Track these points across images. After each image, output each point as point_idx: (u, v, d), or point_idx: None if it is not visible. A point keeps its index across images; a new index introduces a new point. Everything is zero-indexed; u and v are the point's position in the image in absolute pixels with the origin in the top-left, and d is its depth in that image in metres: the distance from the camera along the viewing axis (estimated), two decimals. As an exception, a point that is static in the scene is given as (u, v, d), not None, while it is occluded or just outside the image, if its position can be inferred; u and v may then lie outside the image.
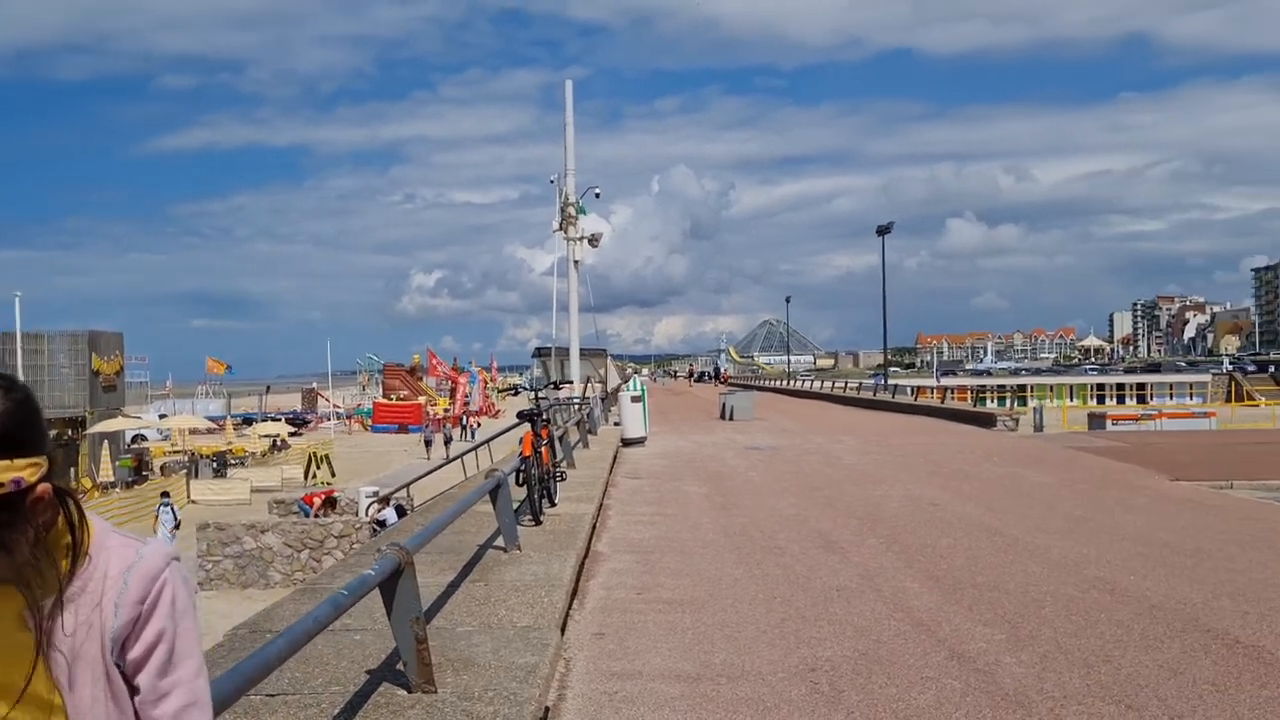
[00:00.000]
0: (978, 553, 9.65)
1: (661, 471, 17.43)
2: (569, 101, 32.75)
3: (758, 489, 15.04)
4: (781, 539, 10.56)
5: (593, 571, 8.77)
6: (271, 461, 44.75)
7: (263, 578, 22.74)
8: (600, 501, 12.37)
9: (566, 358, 35.55)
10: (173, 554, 1.62)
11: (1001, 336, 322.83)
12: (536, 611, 6.02)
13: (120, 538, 1.61)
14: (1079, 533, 10.79)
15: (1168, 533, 10.75)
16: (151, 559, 1.57)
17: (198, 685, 1.59)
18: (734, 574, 8.74)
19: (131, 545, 1.60)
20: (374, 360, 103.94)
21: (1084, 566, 8.91)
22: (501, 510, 7.62)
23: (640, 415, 23.04)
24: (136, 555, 1.57)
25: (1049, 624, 6.88)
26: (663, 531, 11.08)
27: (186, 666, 1.58)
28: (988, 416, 28.40)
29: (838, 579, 8.47)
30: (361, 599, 3.78)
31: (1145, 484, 15.24)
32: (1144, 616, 7.06)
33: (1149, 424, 32.43)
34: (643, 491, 14.69)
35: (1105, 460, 18.53)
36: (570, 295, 32.98)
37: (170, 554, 1.61)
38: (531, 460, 9.19)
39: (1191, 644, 6.34)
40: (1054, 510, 12.59)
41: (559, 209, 32.29)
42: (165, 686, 1.56)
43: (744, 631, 6.78)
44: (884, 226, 55.56)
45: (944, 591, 7.95)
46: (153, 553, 1.59)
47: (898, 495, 14.05)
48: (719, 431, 27.78)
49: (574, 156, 32.38)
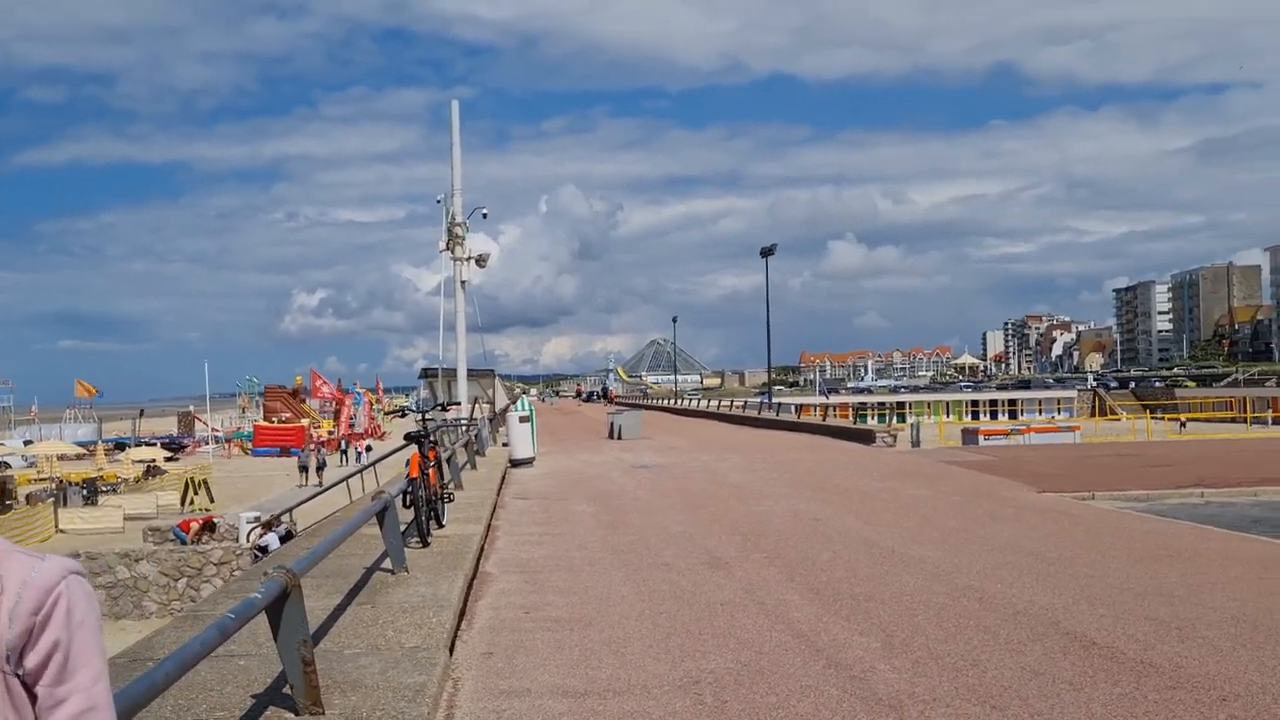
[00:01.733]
0: (856, 565, 9.98)
1: (550, 491, 17.48)
2: (455, 121, 32.61)
3: (645, 507, 15.21)
4: (668, 556, 10.73)
5: (481, 592, 8.79)
6: (146, 488, 43.13)
7: (137, 608, 21.97)
8: (488, 522, 12.38)
9: (454, 378, 35.22)
10: (71, 568, 1.67)
11: (882, 355, 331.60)
12: (424, 632, 6.04)
13: (22, 554, 1.67)
14: (951, 543, 11.25)
15: (1033, 542, 11.29)
16: (46, 572, 1.63)
17: (95, 691, 1.64)
18: (621, 591, 8.87)
19: (30, 561, 1.65)
20: (254, 382, 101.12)
21: (955, 575, 9.30)
22: (388, 532, 7.60)
23: (528, 435, 23.06)
24: (32, 570, 1.63)
25: (921, 631, 7.19)
26: (551, 551, 11.14)
27: (84, 674, 1.64)
28: (867, 433, 29.20)
29: (722, 593, 8.67)
30: (247, 623, 3.78)
31: (1013, 496, 15.92)
32: (1009, 622, 7.43)
33: (1018, 439, 33.82)
34: (531, 512, 14.73)
35: (977, 474, 19.28)
36: (457, 315, 32.73)
37: (68, 568, 1.66)
38: (419, 482, 9.17)
39: (1052, 647, 6.71)
40: (929, 522, 13.07)
41: (445, 229, 32.06)
42: (61, 694, 1.62)
43: (630, 647, 6.91)
44: (768, 248, 56.67)
45: (823, 603, 8.22)
46: (49, 566, 1.65)
47: (781, 511, 14.39)
48: (607, 451, 27.93)
49: (461, 176, 32.23)
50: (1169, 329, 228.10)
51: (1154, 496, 16.32)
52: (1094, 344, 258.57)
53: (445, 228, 31.96)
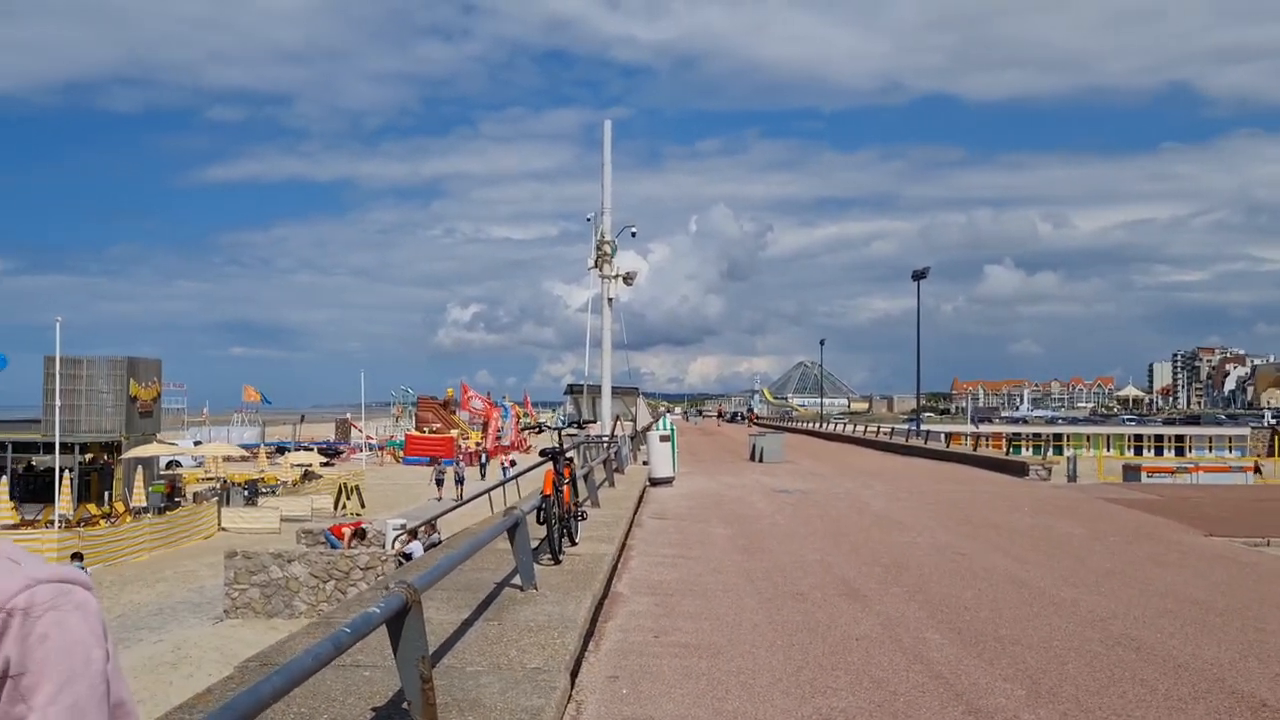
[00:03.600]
0: (1002, 605, 9.50)
1: (687, 513, 17.35)
2: (607, 141, 33.06)
3: (783, 533, 14.92)
4: (804, 585, 10.46)
5: (611, 613, 8.72)
6: (302, 491, 44.98)
7: (288, 607, 22.81)
8: (623, 542, 12.33)
9: (599, 395, 35.58)
10: (39, 578, 1.51)
11: (1038, 384, 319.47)
12: (548, 653, 5.99)
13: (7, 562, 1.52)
14: (1107, 586, 10.61)
15: (1198, 590, 10.54)
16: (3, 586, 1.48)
17: (50, 712, 1.47)
18: (753, 619, 8.66)
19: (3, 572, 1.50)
20: (408, 392, 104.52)
21: (1110, 622, 8.74)
22: (519, 548, 7.61)
23: (669, 455, 22.98)
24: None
25: (1071, 680, 6.75)
26: (685, 574, 11.01)
27: (41, 694, 1.47)
28: (1020, 465, 28.06)
29: (858, 628, 8.36)
30: (366, 636, 3.78)
31: (1178, 539, 14.97)
32: (1169, 676, 6.92)
33: (1185, 477, 31.92)
34: (667, 532, 14.63)
35: (1138, 513, 18.23)
36: (604, 332, 33.09)
37: (35, 577, 1.50)
38: (552, 499, 9.18)
39: (1216, 706, 6.20)
40: (1083, 563, 12.38)
41: (595, 246, 32.46)
42: (15, 715, 1.47)
43: (759, 679, 6.70)
44: (920, 271, 55.38)
45: (965, 644, 7.83)
46: (12, 578, 1.49)
47: (925, 544, 13.89)
48: (748, 473, 27.64)
49: (611, 195, 32.62)
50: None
51: (1337, 546, 15.08)
52: (1272, 379, 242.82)
53: (594, 245, 32.38)
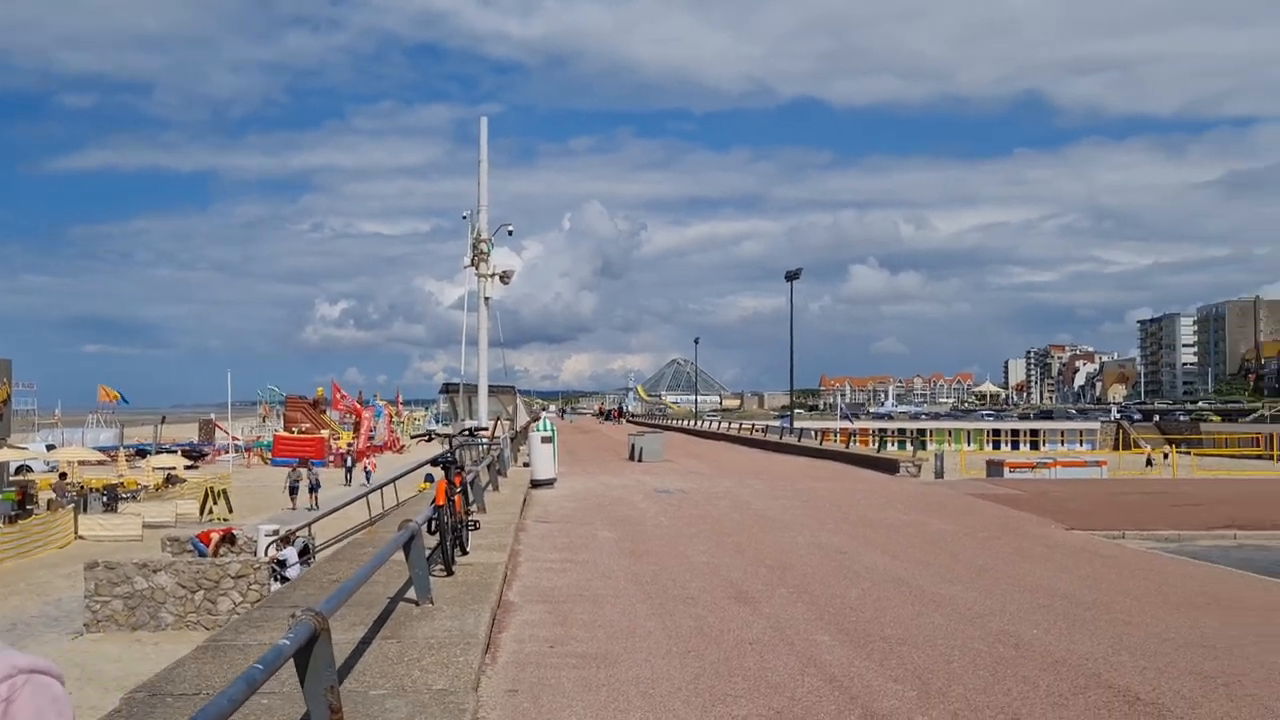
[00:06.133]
0: (885, 603, 9.77)
1: (572, 515, 17.32)
2: (483, 137, 32.68)
3: (668, 534, 15.02)
4: (693, 588, 10.55)
5: (505, 623, 8.64)
6: (166, 496, 43.20)
7: (154, 619, 21.87)
8: (511, 548, 12.23)
9: (475, 393, 35.19)
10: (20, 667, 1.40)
11: (902, 381, 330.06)
12: (452, 672, 5.89)
13: None
14: (982, 583, 11.02)
15: (1066, 584, 11.04)
16: None
17: None
18: (647, 626, 8.69)
19: None
20: (275, 392, 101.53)
21: (989, 619, 9.08)
22: (415, 562, 7.46)
23: (550, 456, 22.89)
24: None
25: (958, 679, 6.98)
26: (574, 580, 10.98)
27: None
28: (891, 462, 28.89)
29: (750, 631, 8.48)
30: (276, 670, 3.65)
31: (1042, 533, 15.65)
32: (1049, 671, 7.22)
33: (1044, 472, 33.38)
34: (553, 536, 14.57)
35: (1003, 508, 18.99)
36: (480, 330, 32.70)
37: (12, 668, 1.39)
38: (445, 508, 9.04)
39: (1095, 701, 6.50)
40: (957, 559, 12.83)
41: (470, 244, 32.05)
42: None
43: (659, 688, 6.73)
44: (793, 272, 56.48)
45: (855, 644, 8.02)
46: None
47: (806, 542, 14.18)
48: (628, 473, 27.75)
49: (487, 192, 32.25)
50: (1194, 362, 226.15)
51: (1185, 537, 16.01)
52: (1117, 375, 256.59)
53: (470, 243, 31.96)
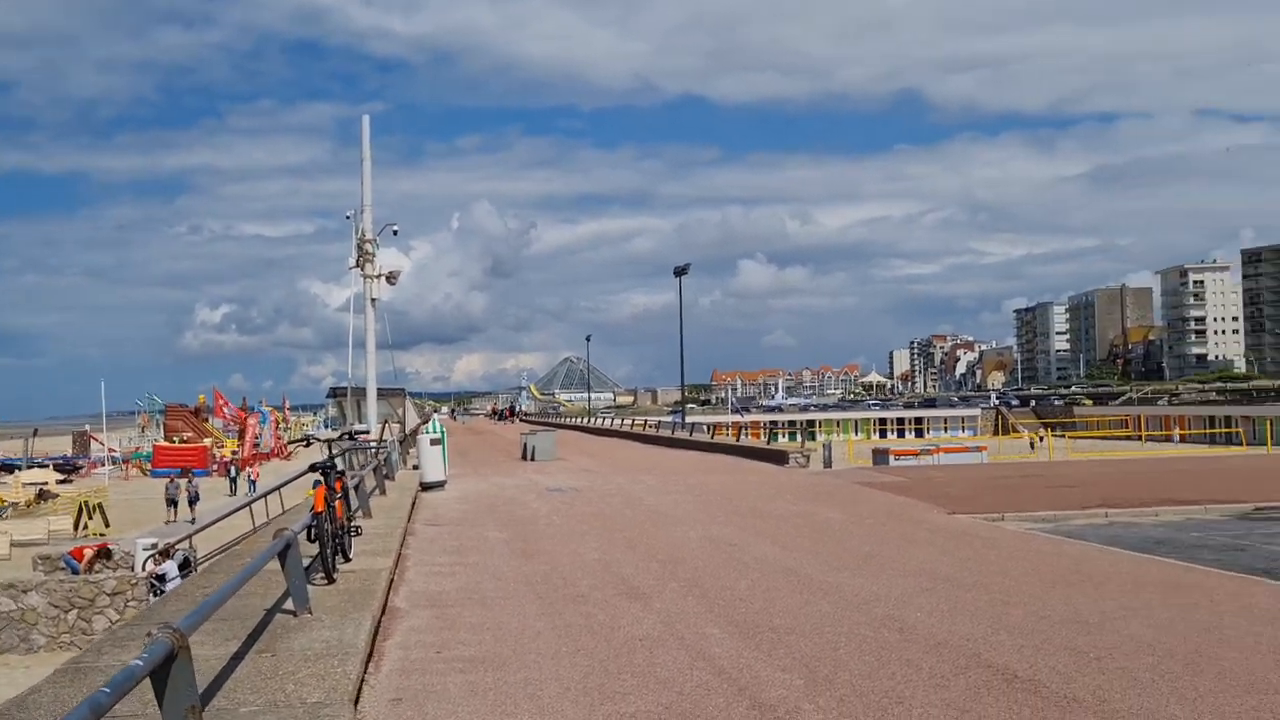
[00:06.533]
0: (775, 594, 9.85)
1: (462, 517, 17.07)
2: (366, 136, 31.99)
3: (560, 533, 14.92)
4: (584, 586, 10.48)
5: (390, 630, 8.42)
6: (37, 512, 41.21)
7: (24, 642, 20.85)
8: (398, 553, 11.96)
9: (363, 397, 34.50)
10: None
11: (791, 373, 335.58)
12: (329, 684, 5.69)
13: None
14: (868, 569, 11.21)
15: (948, 566, 11.31)
16: None
17: None
18: (537, 626, 8.59)
19: None
20: (155, 400, 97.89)
21: (874, 604, 9.23)
22: (291, 572, 7.21)
23: (439, 458, 22.58)
24: None
25: (844, 666, 7.06)
26: (463, 583, 10.80)
27: None
28: (780, 454, 29.29)
29: (640, 628, 8.44)
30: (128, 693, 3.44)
31: (926, 518, 16.03)
32: (931, 654, 7.35)
33: (928, 459, 34.29)
34: (443, 539, 14.32)
35: (890, 495, 19.41)
36: (367, 333, 32.03)
37: None
38: (324, 515, 8.77)
39: (975, 681, 6.63)
40: (845, 547, 13.04)
41: (356, 245, 31.45)
42: None
43: (547, 689, 6.64)
44: (681, 268, 56.80)
45: (744, 636, 8.05)
46: None
47: (697, 536, 14.23)
48: (520, 473, 27.53)
49: (371, 191, 31.64)
50: (1066, 349, 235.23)
51: (1060, 517, 16.59)
52: (996, 363, 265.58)
53: (355, 244, 31.32)
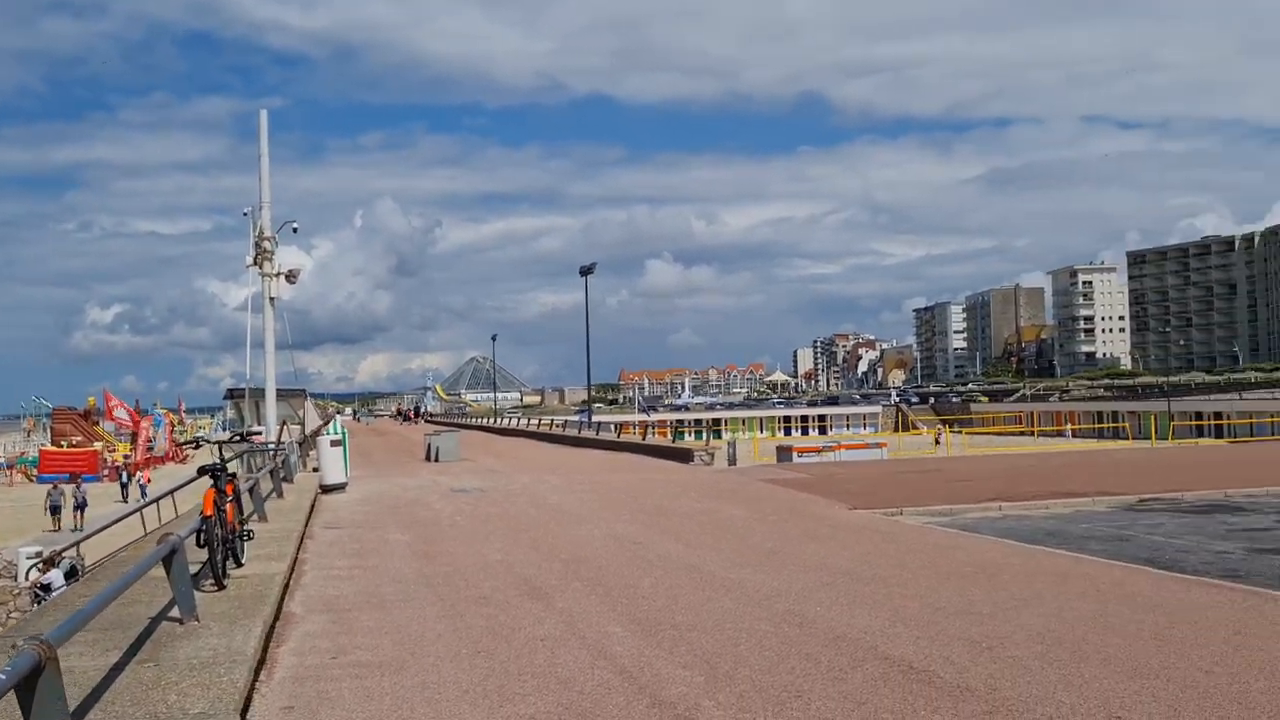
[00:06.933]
0: (678, 591, 9.86)
1: (363, 520, 16.75)
2: (263, 131, 31.29)
3: (463, 534, 14.74)
4: (486, 587, 10.36)
5: (284, 636, 8.20)
6: (-90, 522, 39.21)
7: (-107, 659, 19.81)
8: (294, 557, 11.67)
9: (262, 399, 33.73)
10: None
11: (698, 372, 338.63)
12: (214, 694, 5.49)
13: None
14: (770, 565, 11.30)
15: (848, 561, 11.47)
16: None
17: None
18: (436, 629, 8.45)
19: None
20: (42, 403, 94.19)
21: (775, 600, 9.30)
22: (177, 578, 6.95)
23: (340, 460, 22.18)
24: None
25: (744, 662, 7.09)
26: (362, 586, 10.58)
27: None
28: (685, 452, 29.44)
29: (542, 628, 8.37)
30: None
31: (828, 514, 16.26)
32: (830, 647, 7.43)
33: (830, 455, 34.82)
34: (342, 543, 14.03)
35: (792, 492, 19.64)
36: (266, 333, 31.32)
37: None
38: (213, 519, 8.49)
39: (873, 673, 6.72)
40: (747, 543, 13.14)
41: (254, 243, 30.75)
42: None
43: (445, 692, 6.52)
44: (587, 267, 56.75)
45: (646, 634, 8.04)
46: None
47: (601, 535, 14.20)
48: (424, 474, 27.17)
49: (269, 188, 30.94)
50: (964, 347, 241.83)
51: (956, 511, 16.98)
52: (896, 361, 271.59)
53: (253, 241, 30.66)
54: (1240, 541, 13.40)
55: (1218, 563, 11.80)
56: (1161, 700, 5.96)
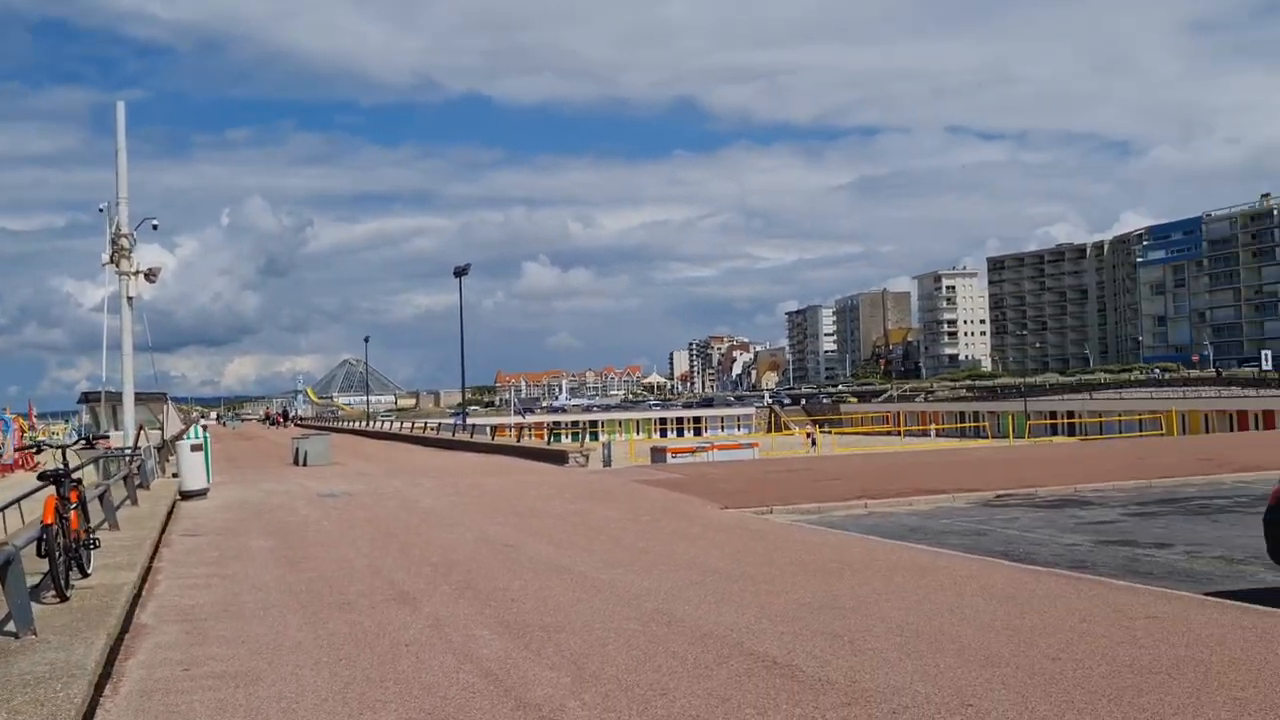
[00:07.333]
0: (548, 593, 9.80)
1: (224, 526, 16.18)
2: (121, 124, 30.02)
3: (330, 539, 14.37)
4: (351, 593, 10.11)
5: (133, 648, 7.84)
6: None
7: None
8: (147, 566, 11.19)
9: (119, 403, 32.39)
10: None
11: (575, 375, 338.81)
12: (49, 710, 5.19)
13: None
14: (640, 564, 11.34)
15: (717, 559, 11.59)
16: None
17: None
18: (297, 637, 8.19)
19: None
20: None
21: (644, 599, 9.33)
22: (12, 590, 6.56)
23: (202, 465, 21.43)
24: None
25: (612, 661, 7.08)
26: (220, 595, 10.20)
27: None
28: (560, 454, 29.38)
29: (408, 633, 8.20)
30: None
31: (699, 513, 16.41)
32: (697, 645, 7.48)
33: (704, 456, 35.23)
34: (200, 550, 13.51)
35: (665, 492, 19.78)
36: (124, 334, 30.06)
37: None
38: (55, 527, 8.05)
39: (737, 669, 6.79)
40: (619, 544, 13.16)
41: (110, 240, 29.54)
42: None
43: (303, 702, 6.32)
44: (461, 268, 56.22)
45: (514, 636, 7.96)
46: None
47: (473, 538, 14.03)
48: (291, 479, 26.44)
49: (128, 183, 29.76)
50: (834, 349, 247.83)
51: (824, 509, 17.37)
52: (769, 363, 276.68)
53: (110, 239, 29.52)
54: (1088, 534, 14.06)
55: (1067, 554, 12.36)
56: (1011, 687, 6.18)
